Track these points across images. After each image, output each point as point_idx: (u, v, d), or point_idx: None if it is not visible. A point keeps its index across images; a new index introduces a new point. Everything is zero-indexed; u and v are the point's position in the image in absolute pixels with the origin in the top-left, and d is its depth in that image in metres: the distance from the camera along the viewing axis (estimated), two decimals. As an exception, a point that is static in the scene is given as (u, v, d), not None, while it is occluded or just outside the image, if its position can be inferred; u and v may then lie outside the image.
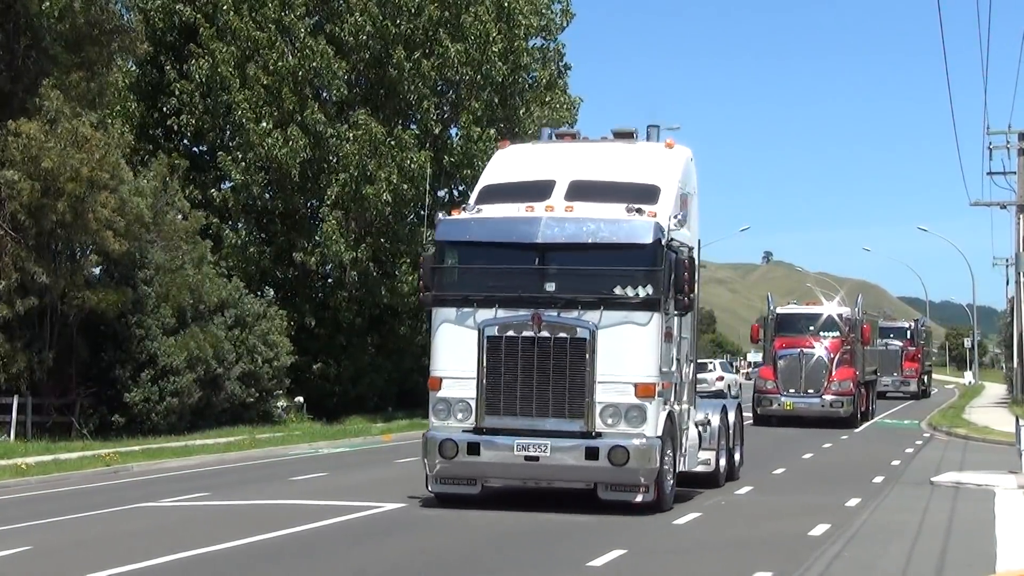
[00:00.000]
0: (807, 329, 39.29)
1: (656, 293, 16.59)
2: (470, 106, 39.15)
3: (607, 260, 16.86)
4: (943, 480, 21.49)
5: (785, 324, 39.96)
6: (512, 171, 18.48)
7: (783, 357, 38.56)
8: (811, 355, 38.16)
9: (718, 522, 16.35)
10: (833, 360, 38.22)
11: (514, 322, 16.65)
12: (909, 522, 16.25)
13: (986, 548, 13.96)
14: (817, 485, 21.27)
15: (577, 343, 16.48)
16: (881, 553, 13.77)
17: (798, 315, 40.61)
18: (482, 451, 16.64)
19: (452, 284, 17.31)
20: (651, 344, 16.56)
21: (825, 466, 25.33)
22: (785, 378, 38.17)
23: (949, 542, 14.58)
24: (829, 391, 37.82)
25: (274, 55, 37.60)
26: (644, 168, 18.22)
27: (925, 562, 13.20)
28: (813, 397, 37.74)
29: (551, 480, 17.00)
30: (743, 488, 20.31)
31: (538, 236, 16.83)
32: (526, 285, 16.86)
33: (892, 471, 24.02)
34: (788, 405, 37.94)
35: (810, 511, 17.13)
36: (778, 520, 16.47)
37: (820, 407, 37.71)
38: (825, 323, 39.41)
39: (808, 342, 38.61)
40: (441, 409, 16.92)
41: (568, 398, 16.43)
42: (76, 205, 28.79)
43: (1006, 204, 54.22)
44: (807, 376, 37.87)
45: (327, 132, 37.42)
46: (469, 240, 17.30)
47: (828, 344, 38.54)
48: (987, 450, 30.01)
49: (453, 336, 16.90)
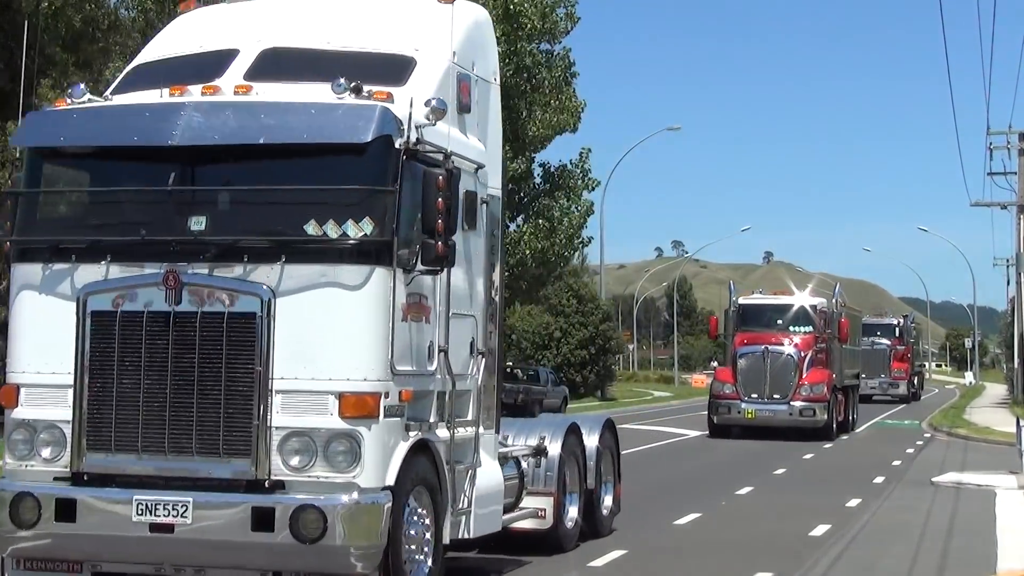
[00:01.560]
0: (774, 323, 33.67)
1: (381, 232, 9.52)
2: None
3: (296, 174, 9.83)
4: (944, 480, 21.49)
5: (749, 317, 34.14)
6: (184, 42, 11.39)
7: (744, 356, 32.66)
8: (778, 353, 32.31)
9: (718, 522, 16.33)
10: (804, 359, 32.41)
11: (135, 286, 9.68)
12: (910, 522, 16.25)
13: (987, 548, 13.96)
14: (817, 485, 21.26)
15: (238, 322, 9.48)
16: (882, 553, 13.76)
17: (764, 306, 34.81)
18: (79, 515, 9.51)
19: (41, 224, 10.32)
20: (370, 320, 9.53)
21: (825, 466, 25.32)
22: (746, 381, 32.36)
23: (950, 542, 14.57)
24: (799, 396, 32.07)
25: None
26: (392, 31, 11.11)
27: (926, 562, 13.20)
28: (780, 403, 32.02)
29: (197, 565, 9.57)
30: (744, 488, 20.29)
31: (174, 134, 9.71)
32: (157, 223, 9.80)
33: (893, 471, 24.02)
34: (749, 413, 32.11)
35: (810, 511, 17.12)
36: (778, 520, 16.45)
37: (788, 415, 31.97)
38: (796, 316, 33.59)
39: (775, 338, 32.73)
40: (20, 440, 9.87)
41: (224, 420, 9.41)
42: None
43: (1007, 204, 54.32)
44: (773, 378, 32.19)
45: None
46: (65, 146, 10.20)
47: (799, 341, 32.69)
48: (988, 450, 30.02)
49: (40, 312, 9.92)
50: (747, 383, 32.16)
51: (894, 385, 59.22)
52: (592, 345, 61.10)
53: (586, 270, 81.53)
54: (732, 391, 32.33)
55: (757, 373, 32.13)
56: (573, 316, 61.18)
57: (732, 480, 21.51)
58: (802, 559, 13.19)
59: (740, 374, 32.29)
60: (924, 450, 30.29)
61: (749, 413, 32.06)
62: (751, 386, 32.13)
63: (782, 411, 31.87)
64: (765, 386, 32.01)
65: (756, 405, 32.01)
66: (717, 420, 32.77)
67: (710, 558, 13.54)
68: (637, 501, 17.12)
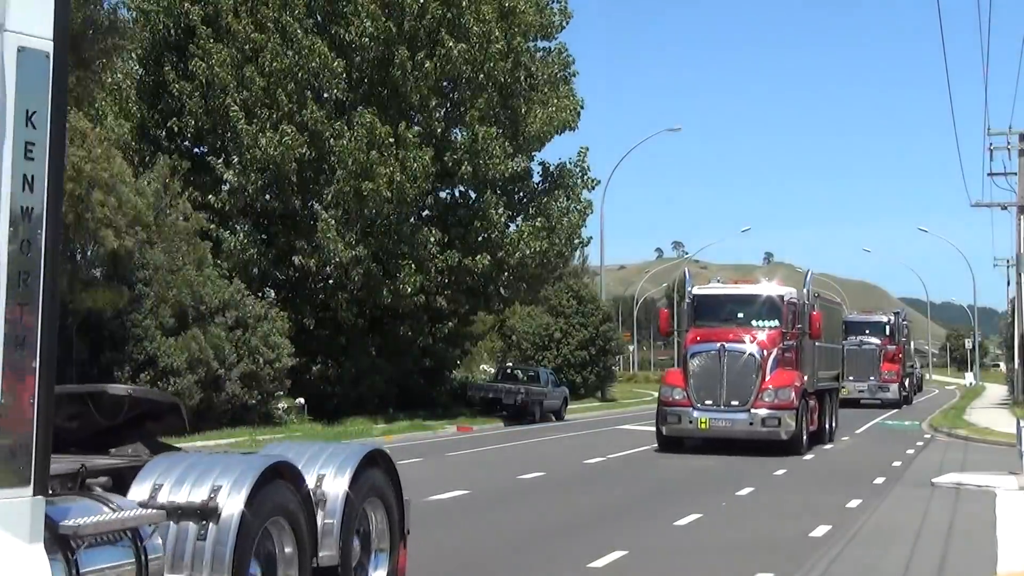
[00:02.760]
0: (734, 316, 29.13)
1: None
2: (475, 103, 39.09)
3: None
4: (944, 481, 21.48)
5: (704, 310, 29.42)
6: None
7: (696, 355, 28.17)
8: (738, 352, 27.71)
9: (719, 523, 16.33)
10: (768, 359, 27.78)
11: None
12: (910, 523, 16.25)
13: (987, 549, 13.95)
14: (817, 486, 21.26)
15: None
16: (882, 554, 13.76)
17: (722, 297, 30.09)
18: None
19: None
20: None
21: (826, 467, 25.32)
22: (700, 385, 27.83)
23: (950, 543, 14.57)
24: (761, 403, 27.60)
25: (269, 55, 37.58)
26: None
27: (926, 563, 13.20)
28: (739, 411, 27.55)
29: None
30: (744, 489, 20.29)
31: None
32: None
33: (893, 472, 24.03)
34: (703, 423, 27.61)
35: (811, 512, 17.14)
36: (779, 521, 16.45)
37: (748, 425, 27.50)
38: (760, 308, 29.05)
39: (733, 334, 28.16)
40: None
41: None
42: (77, 206, 28.83)
43: (1007, 205, 54.30)
44: (731, 382, 27.60)
45: (326, 131, 37.37)
46: None
47: (763, 337, 28.10)
48: (988, 451, 30.03)
49: None
50: (700, 388, 27.67)
51: (884, 388, 54.72)
52: (592, 346, 61.07)
53: (586, 271, 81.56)
54: (683, 397, 27.76)
55: (712, 375, 27.60)
56: (573, 317, 61.16)
57: (732, 481, 21.52)
58: (802, 560, 13.19)
59: (692, 377, 27.84)
60: (924, 451, 30.29)
61: (703, 423, 27.54)
62: (705, 391, 27.66)
63: (741, 420, 27.44)
64: (722, 391, 27.53)
65: (711, 413, 27.51)
66: (666, 431, 28.15)
67: (710, 559, 13.54)
68: (637, 502, 17.15)
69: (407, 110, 39.49)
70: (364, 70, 39.37)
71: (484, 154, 38.36)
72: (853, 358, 48.55)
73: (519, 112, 40.56)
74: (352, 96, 39.31)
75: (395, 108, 39.12)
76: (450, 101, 40.77)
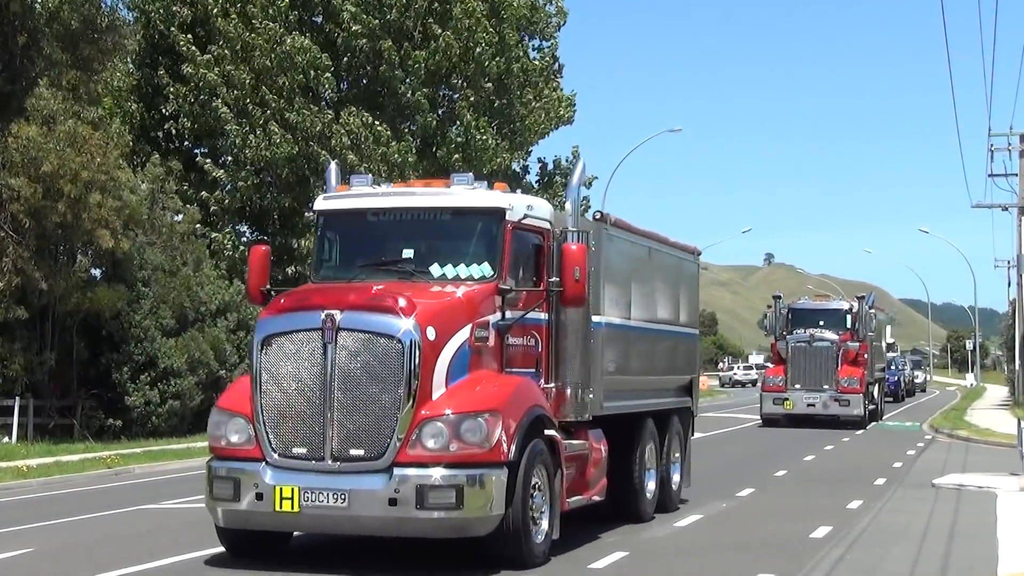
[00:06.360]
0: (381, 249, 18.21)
1: None
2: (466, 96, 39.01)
3: None
4: (945, 482, 21.47)
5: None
6: None
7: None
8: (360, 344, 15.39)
9: (720, 524, 16.32)
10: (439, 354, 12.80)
11: None
12: (911, 524, 16.24)
13: (988, 551, 13.94)
14: (818, 487, 21.24)
15: None
16: (883, 555, 13.75)
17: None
18: None
19: None
20: None
21: (826, 468, 25.30)
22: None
23: (951, 544, 14.56)
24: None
25: (258, 54, 37.48)
26: None
27: (927, 564, 13.19)
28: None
29: None
30: (745, 490, 20.28)
31: None
32: None
33: (894, 473, 24.01)
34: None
35: (812, 513, 17.12)
36: (779, 522, 16.44)
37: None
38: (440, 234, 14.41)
39: (357, 295, 13.86)
40: None
41: None
42: (75, 207, 28.85)
43: (1007, 206, 54.24)
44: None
45: (315, 129, 37.13)
46: None
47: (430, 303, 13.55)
48: (989, 452, 30.03)
49: None
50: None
51: (842, 401, 38.83)
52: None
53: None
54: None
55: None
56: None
57: (733, 481, 21.50)
58: (803, 561, 13.18)
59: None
60: (925, 452, 30.26)
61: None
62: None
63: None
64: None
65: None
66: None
67: (711, 559, 13.54)
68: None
69: (403, 108, 39.38)
70: (354, 67, 39.31)
71: (477, 147, 38.14)
72: (800, 359, 38.83)
73: (513, 106, 40.45)
74: (343, 94, 39.24)
75: (393, 106, 39.06)
76: (442, 95, 40.64)
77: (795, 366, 38.75)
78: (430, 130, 39.28)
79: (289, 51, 37.03)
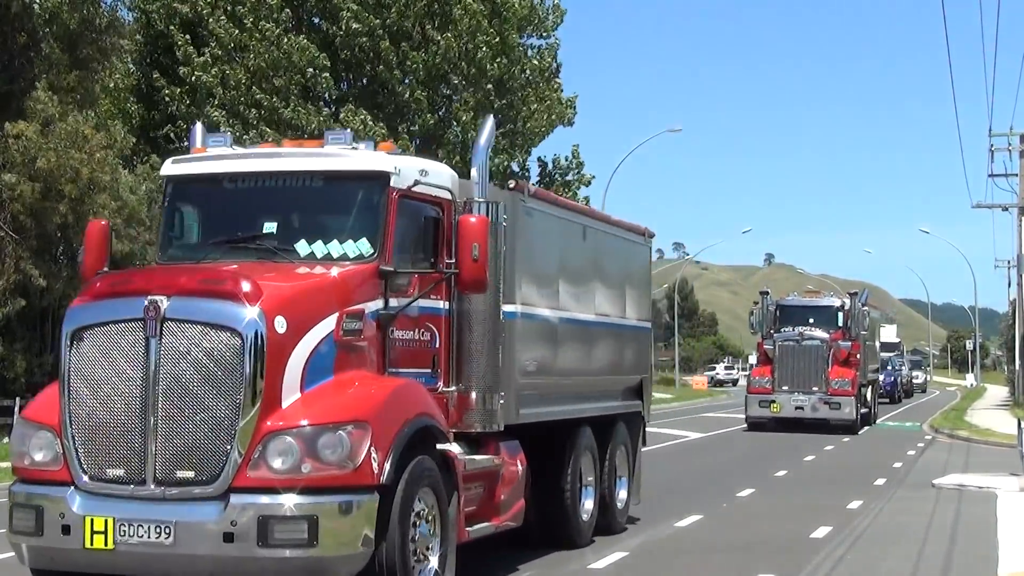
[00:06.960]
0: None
1: None
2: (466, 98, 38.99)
3: None
4: (945, 482, 21.47)
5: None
6: None
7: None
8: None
9: (720, 524, 16.31)
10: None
11: None
12: (911, 524, 16.24)
13: (988, 551, 13.94)
14: (818, 487, 21.24)
15: None
16: (883, 555, 13.74)
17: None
18: None
19: None
20: None
21: (826, 468, 25.30)
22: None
23: (951, 545, 14.56)
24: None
25: (252, 54, 37.43)
26: None
27: (927, 564, 13.18)
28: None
29: None
30: (745, 490, 20.27)
31: None
32: None
33: (894, 473, 24.01)
34: None
35: (812, 513, 17.12)
36: (779, 522, 16.43)
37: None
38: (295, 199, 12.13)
39: (190, 278, 8.63)
40: None
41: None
42: (76, 207, 28.87)
43: (1008, 206, 54.29)
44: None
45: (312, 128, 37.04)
46: None
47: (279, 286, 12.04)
48: (989, 452, 30.04)
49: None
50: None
51: (832, 404, 36.54)
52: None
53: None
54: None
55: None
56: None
57: (733, 482, 21.50)
58: (803, 561, 13.17)
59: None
60: (925, 452, 30.27)
61: None
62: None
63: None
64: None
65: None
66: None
67: (711, 560, 13.53)
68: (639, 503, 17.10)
69: (402, 109, 39.35)
70: (353, 67, 39.28)
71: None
72: (788, 359, 36.79)
73: (515, 107, 40.44)
74: (342, 93, 39.21)
75: (391, 105, 39.02)
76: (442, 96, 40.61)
77: (783, 366, 36.72)
78: (429, 130, 39.25)
79: (287, 51, 36.98)
